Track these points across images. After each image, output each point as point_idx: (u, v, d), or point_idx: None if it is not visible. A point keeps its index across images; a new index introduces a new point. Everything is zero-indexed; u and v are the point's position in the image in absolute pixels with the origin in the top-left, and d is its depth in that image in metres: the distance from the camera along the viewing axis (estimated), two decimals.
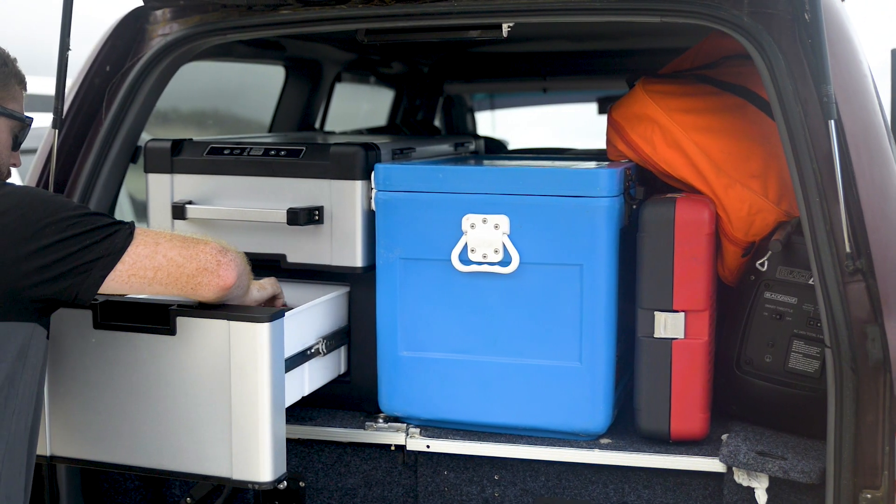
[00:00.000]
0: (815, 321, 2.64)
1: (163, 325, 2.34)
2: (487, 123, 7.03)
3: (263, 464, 2.33)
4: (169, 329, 2.34)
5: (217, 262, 2.23)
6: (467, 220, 2.67)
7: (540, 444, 2.71)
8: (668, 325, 2.62)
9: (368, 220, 2.81)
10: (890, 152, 2.45)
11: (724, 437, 2.68)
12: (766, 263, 2.69)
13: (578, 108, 7.51)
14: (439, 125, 5.95)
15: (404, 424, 2.81)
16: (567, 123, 8.22)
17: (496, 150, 4.73)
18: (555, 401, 2.69)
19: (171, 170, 2.96)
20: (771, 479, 2.52)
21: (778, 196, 2.77)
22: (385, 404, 2.82)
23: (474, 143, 3.78)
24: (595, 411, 2.67)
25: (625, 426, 2.77)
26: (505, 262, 2.66)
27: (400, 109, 5.61)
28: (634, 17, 2.64)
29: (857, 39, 2.62)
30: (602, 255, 2.61)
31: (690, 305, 2.62)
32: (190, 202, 2.92)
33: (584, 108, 7.23)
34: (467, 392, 2.74)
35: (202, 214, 2.91)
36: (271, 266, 2.89)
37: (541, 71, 5.39)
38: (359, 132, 4.80)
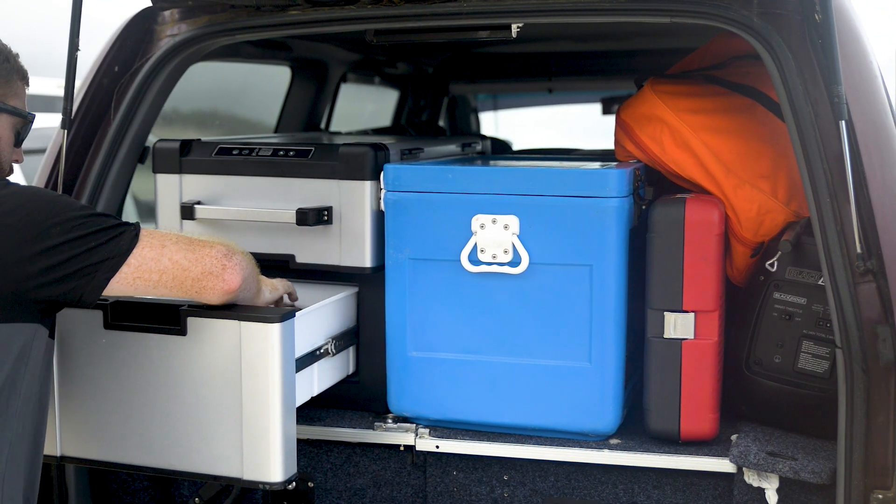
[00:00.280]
0: (824, 321, 2.64)
1: (173, 325, 2.34)
2: (490, 124, 7.03)
3: (274, 464, 2.33)
4: (180, 329, 2.34)
5: (222, 266, 2.22)
6: (477, 221, 2.67)
7: (549, 445, 2.71)
8: (678, 325, 2.62)
9: (377, 221, 2.81)
10: None
11: (733, 437, 2.68)
12: (776, 264, 2.69)
13: (581, 109, 7.51)
14: (443, 125, 5.95)
15: (413, 425, 2.81)
16: (569, 124, 8.21)
17: (501, 150, 4.73)
18: (564, 401, 2.69)
19: (180, 170, 2.96)
20: (781, 480, 2.52)
21: (787, 196, 2.77)
22: (394, 404, 2.82)
23: (481, 144, 3.78)
24: (605, 411, 2.67)
25: (634, 426, 2.77)
26: (514, 262, 2.66)
27: (405, 110, 5.61)
28: (644, 17, 2.64)
29: (867, 39, 2.62)
30: (612, 256, 2.61)
31: (700, 306, 2.62)
32: (199, 202, 2.92)
33: (586, 109, 7.23)
34: (477, 392, 2.74)
35: (211, 215, 2.91)
36: (280, 266, 2.90)
37: (546, 71, 5.39)
38: (364, 132, 4.80)
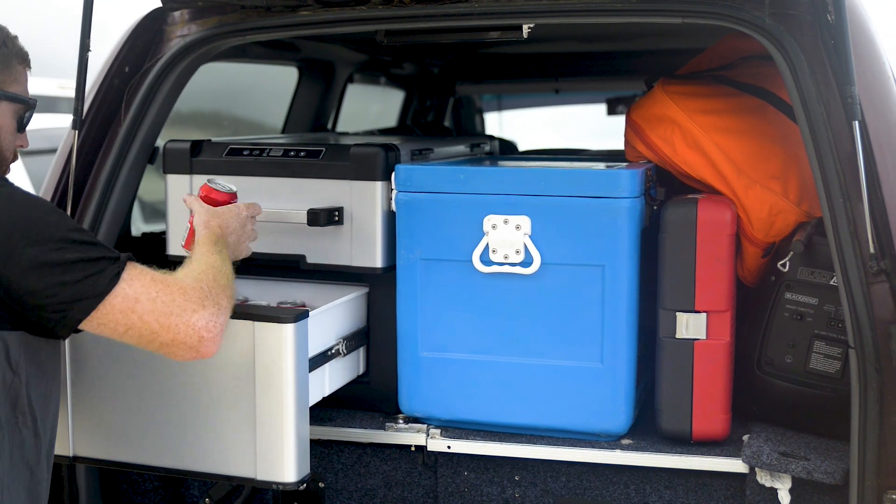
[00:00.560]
0: (835, 322, 2.64)
1: None
2: (494, 124, 7.03)
3: (288, 464, 2.34)
4: None
5: (199, 338, 2.04)
6: (489, 221, 2.67)
7: (561, 445, 2.71)
8: (690, 325, 2.63)
9: (388, 221, 2.81)
10: None
11: (745, 437, 2.68)
12: (788, 264, 2.69)
13: (583, 109, 7.51)
14: (447, 126, 5.95)
15: (425, 425, 2.81)
16: (571, 124, 8.21)
17: (507, 151, 4.73)
18: (576, 401, 2.69)
19: (191, 170, 2.96)
20: (794, 480, 2.52)
21: (798, 197, 2.77)
22: (405, 405, 2.83)
23: (489, 144, 3.78)
24: (616, 412, 2.67)
25: (645, 427, 2.77)
26: (526, 262, 2.66)
27: (410, 110, 5.61)
28: (656, 18, 2.64)
29: (880, 40, 2.62)
30: (624, 256, 2.61)
31: (712, 306, 2.62)
32: None
33: (588, 109, 7.23)
34: (488, 393, 2.74)
35: None
36: (291, 267, 2.90)
37: (552, 72, 5.39)
38: (371, 133, 4.80)
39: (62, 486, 2.87)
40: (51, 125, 5.63)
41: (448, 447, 2.77)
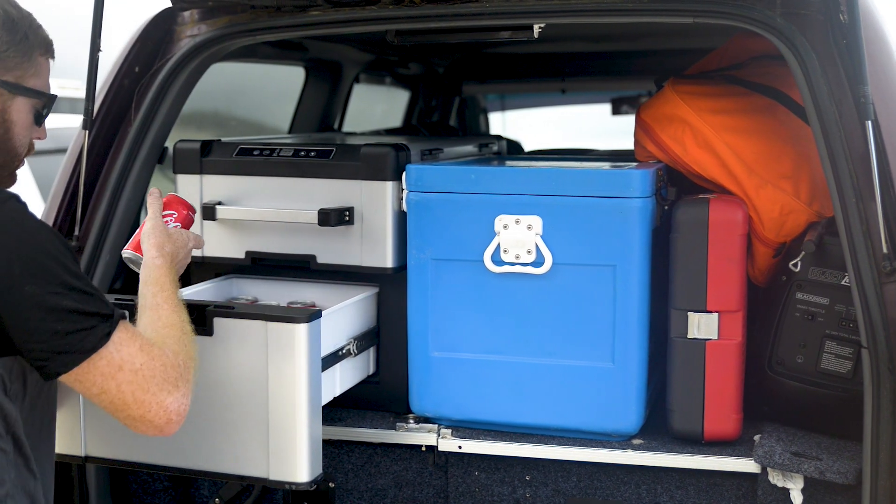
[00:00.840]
0: (847, 322, 2.64)
1: (199, 325, 2.34)
2: (497, 124, 7.03)
3: (301, 464, 2.33)
4: (206, 329, 2.34)
5: (168, 420, 1.96)
6: (500, 221, 2.67)
7: (572, 445, 2.71)
8: (701, 325, 2.62)
9: (399, 221, 2.81)
10: None
11: (756, 437, 2.68)
12: (799, 264, 2.69)
13: (587, 109, 7.52)
14: (452, 125, 5.94)
15: (436, 425, 2.81)
16: (574, 124, 8.22)
17: (512, 151, 4.73)
18: (587, 401, 2.69)
19: (201, 170, 2.96)
20: (806, 480, 2.52)
21: (809, 196, 2.77)
22: (416, 405, 2.82)
23: (497, 144, 3.78)
24: (627, 412, 2.67)
25: (656, 426, 2.77)
26: (538, 262, 2.66)
27: (415, 110, 5.61)
28: (667, 18, 2.64)
29: (892, 39, 2.62)
30: (635, 256, 2.61)
31: (724, 306, 2.62)
32: (220, 203, 2.92)
33: (592, 109, 7.23)
34: (499, 392, 2.74)
35: (232, 215, 2.91)
36: (301, 267, 2.90)
37: (559, 71, 5.39)
38: (377, 133, 4.80)
39: (72, 486, 2.87)
40: (53, 125, 5.61)
41: (459, 447, 2.76)
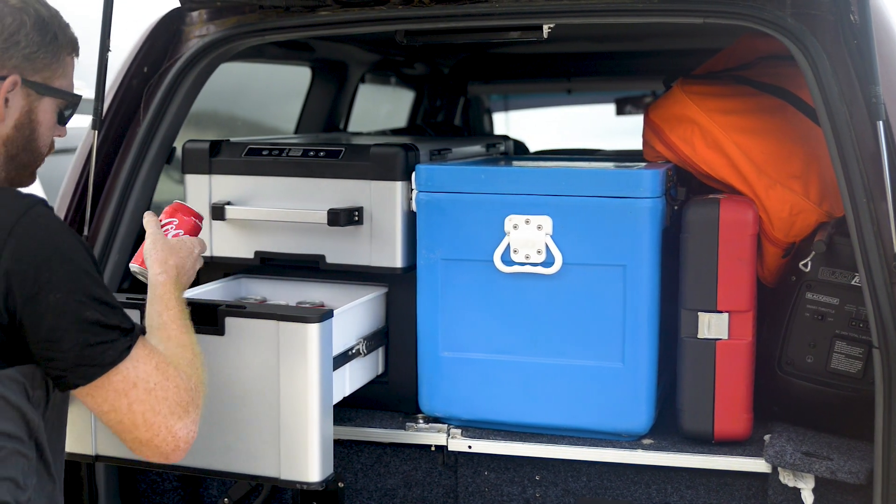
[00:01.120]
0: (857, 322, 2.64)
1: (211, 325, 2.34)
2: (501, 124, 7.04)
3: (312, 464, 2.33)
4: (217, 329, 2.34)
5: (175, 447, 1.93)
6: (510, 221, 2.68)
7: (581, 445, 2.71)
8: (711, 325, 2.62)
9: (408, 221, 2.81)
10: None
11: (766, 437, 2.68)
12: (809, 264, 2.69)
13: (591, 110, 7.51)
14: (457, 125, 5.94)
15: (445, 425, 2.81)
16: (577, 124, 8.21)
17: (518, 151, 4.73)
18: (597, 401, 2.69)
19: (210, 171, 2.96)
20: (817, 480, 2.52)
21: (819, 197, 2.77)
22: (425, 405, 2.83)
23: (504, 144, 3.78)
24: (637, 412, 2.67)
25: (666, 426, 2.77)
26: (548, 262, 2.66)
27: (420, 110, 5.61)
28: (677, 18, 2.64)
29: None
30: (645, 256, 2.61)
31: (734, 306, 2.62)
32: (229, 203, 2.92)
33: (596, 109, 7.23)
34: (509, 392, 2.74)
35: (241, 215, 2.91)
36: (310, 267, 2.90)
37: (564, 72, 5.39)
38: (382, 133, 4.80)
39: (81, 486, 2.87)
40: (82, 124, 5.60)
41: (469, 447, 2.77)
